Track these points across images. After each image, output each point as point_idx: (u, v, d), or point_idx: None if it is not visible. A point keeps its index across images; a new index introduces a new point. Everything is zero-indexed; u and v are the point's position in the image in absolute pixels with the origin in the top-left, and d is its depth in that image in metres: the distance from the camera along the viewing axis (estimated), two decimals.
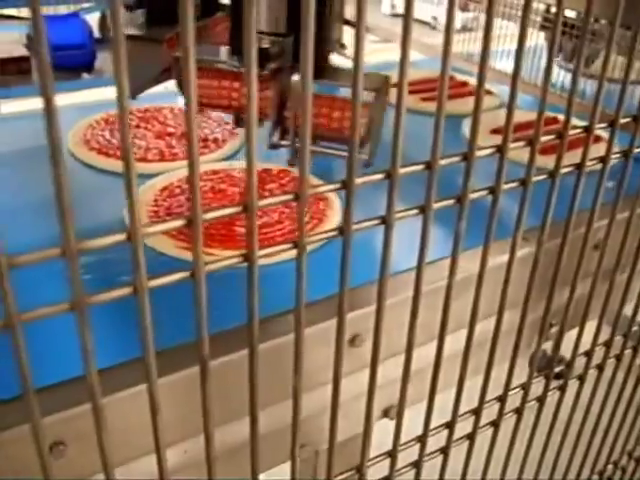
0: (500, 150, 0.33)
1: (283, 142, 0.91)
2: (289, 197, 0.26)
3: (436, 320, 0.38)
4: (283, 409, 0.53)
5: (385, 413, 0.65)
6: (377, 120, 0.87)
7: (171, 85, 1.32)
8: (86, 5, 2.23)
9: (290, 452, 0.34)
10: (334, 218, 0.91)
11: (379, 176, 0.29)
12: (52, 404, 0.47)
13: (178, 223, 0.23)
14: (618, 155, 0.43)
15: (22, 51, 2.20)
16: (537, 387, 0.51)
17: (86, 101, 1.45)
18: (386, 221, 0.29)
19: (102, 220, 0.88)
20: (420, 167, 0.29)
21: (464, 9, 1.75)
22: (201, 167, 1.09)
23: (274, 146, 0.90)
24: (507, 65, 1.37)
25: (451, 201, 0.31)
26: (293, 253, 0.28)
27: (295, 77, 0.86)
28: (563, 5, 0.35)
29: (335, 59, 1.03)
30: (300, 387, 0.31)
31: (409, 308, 0.35)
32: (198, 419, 0.35)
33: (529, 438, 0.55)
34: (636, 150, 0.43)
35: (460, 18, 1.98)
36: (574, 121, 0.37)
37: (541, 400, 0.52)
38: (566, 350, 0.52)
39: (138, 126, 1.19)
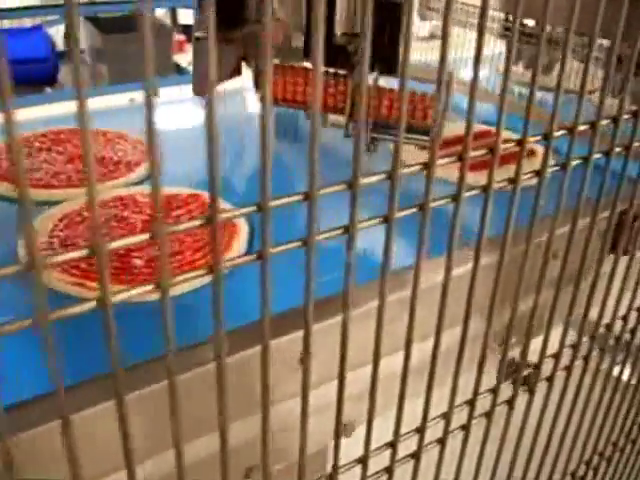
0: (461, 158, 0.33)
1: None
2: (252, 208, 0.26)
3: (400, 331, 0.38)
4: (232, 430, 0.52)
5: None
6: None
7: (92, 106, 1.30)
8: (50, 18, 2.21)
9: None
10: (239, 246, 0.86)
11: (382, 176, 0.29)
12: None
13: (79, 253, 0.22)
14: (579, 160, 0.44)
15: None
16: (507, 391, 0.52)
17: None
18: (388, 219, 0.29)
19: None
20: (381, 177, 0.29)
21: (423, 18, 1.77)
22: (107, 193, 1.06)
23: (349, 136, 1.01)
24: (468, 73, 1.39)
25: (414, 210, 0.31)
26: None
27: (373, 75, 0.96)
28: (521, 14, 0.35)
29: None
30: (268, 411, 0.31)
31: (366, 322, 0.36)
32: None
33: (500, 441, 0.55)
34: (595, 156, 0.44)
35: (429, 25, 2.00)
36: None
37: (510, 403, 0.53)
38: (534, 354, 0.53)
39: (50, 149, 1.13)
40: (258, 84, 1.14)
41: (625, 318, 0.62)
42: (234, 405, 0.48)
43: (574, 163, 0.42)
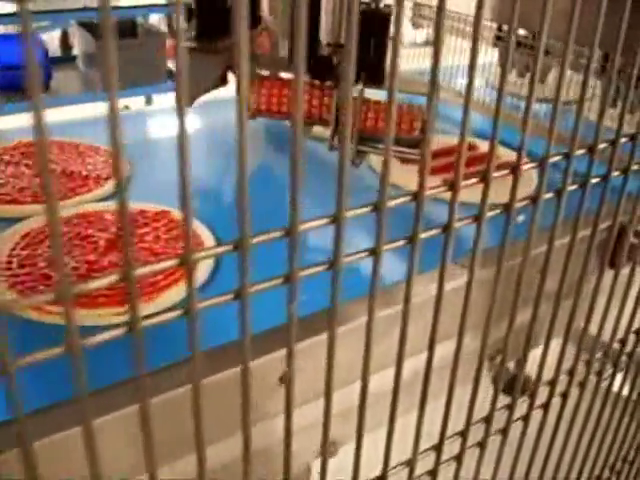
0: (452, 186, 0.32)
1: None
2: (174, 262, 0.25)
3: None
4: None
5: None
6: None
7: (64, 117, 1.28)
8: (43, 24, 2.19)
9: None
10: (204, 265, 0.83)
11: (325, 220, 0.28)
12: None
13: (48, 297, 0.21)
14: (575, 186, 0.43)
15: None
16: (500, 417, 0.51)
17: None
18: (333, 264, 0.28)
19: None
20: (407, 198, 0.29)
21: (417, 26, 1.75)
22: (72, 210, 1.03)
23: (332, 148, 0.98)
24: (463, 81, 1.38)
25: (363, 254, 0.30)
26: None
27: (358, 86, 0.93)
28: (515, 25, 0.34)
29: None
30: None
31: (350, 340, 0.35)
32: None
33: (494, 469, 0.54)
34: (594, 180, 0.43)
35: (424, 33, 1.99)
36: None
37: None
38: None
39: (18, 163, 1.09)
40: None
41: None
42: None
43: (546, 196, 0.40)
